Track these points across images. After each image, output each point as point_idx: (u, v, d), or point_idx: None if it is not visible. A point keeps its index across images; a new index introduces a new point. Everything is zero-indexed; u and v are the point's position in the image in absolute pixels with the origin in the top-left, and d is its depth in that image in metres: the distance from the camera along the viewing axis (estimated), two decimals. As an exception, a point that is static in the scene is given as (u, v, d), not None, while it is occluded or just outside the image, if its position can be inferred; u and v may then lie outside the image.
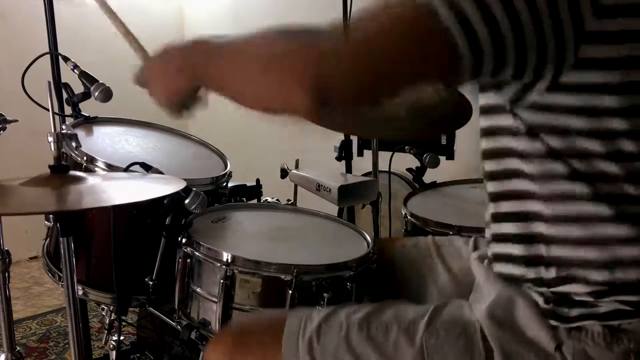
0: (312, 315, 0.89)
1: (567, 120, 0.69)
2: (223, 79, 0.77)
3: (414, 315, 0.85)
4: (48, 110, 1.07)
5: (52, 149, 1.04)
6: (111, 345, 1.53)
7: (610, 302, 0.73)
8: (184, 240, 1.17)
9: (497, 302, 0.80)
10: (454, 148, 2.63)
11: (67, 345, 2.25)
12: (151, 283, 1.28)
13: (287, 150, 3.33)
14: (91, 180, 1.03)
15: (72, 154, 1.32)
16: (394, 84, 0.64)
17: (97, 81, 1.49)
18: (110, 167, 1.28)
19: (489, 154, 0.81)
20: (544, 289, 0.77)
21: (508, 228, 0.80)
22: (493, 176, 0.81)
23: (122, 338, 1.59)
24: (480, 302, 0.83)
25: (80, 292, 1.32)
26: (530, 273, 0.78)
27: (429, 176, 1.86)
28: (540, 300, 0.77)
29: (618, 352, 0.72)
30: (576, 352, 0.74)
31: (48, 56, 1.63)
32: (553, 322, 0.76)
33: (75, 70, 1.52)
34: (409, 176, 1.94)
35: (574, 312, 0.75)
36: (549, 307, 0.76)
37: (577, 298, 0.74)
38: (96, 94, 1.48)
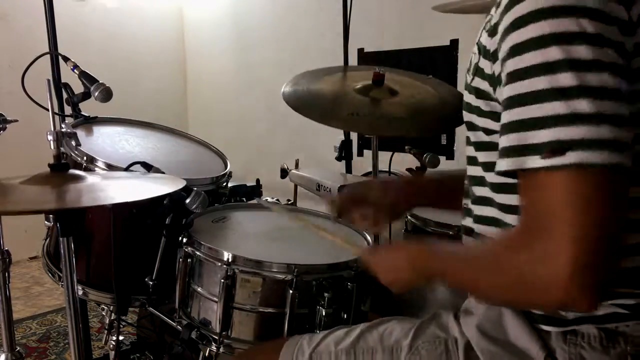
0: (304, 346, 0.92)
1: None
2: (464, 284, 0.81)
3: (398, 337, 0.87)
4: (48, 110, 1.06)
5: (52, 147, 1.04)
6: (111, 345, 1.53)
7: (607, 305, 0.73)
8: (184, 240, 1.17)
9: (487, 314, 0.81)
10: (454, 148, 2.63)
11: (67, 345, 2.25)
12: (151, 283, 1.28)
13: (287, 150, 3.35)
14: (91, 179, 1.03)
15: (72, 154, 1.31)
16: (618, 226, 0.64)
17: (97, 81, 1.49)
18: (110, 167, 1.28)
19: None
20: None
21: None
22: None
23: (122, 338, 1.59)
24: (471, 314, 0.84)
25: (80, 292, 1.32)
26: None
27: (429, 176, 1.86)
28: None
29: (614, 355, 0.72)
30: (572, 357, 0.74)
31: (48, 56, 1.63)
32: (546, 328, 0.76)
33: (75, 70, 1.52)
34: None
35: (571, 315, 0.75)
36: (543, 312, 0.76)
37: None
38: (96, 94, 1.48)
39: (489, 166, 0.80)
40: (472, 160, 0.85)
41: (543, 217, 0.63)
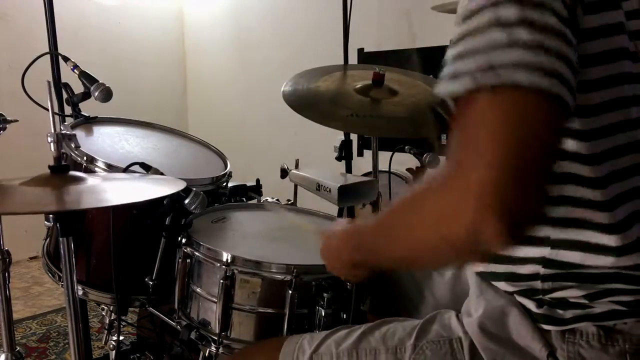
0: (304, 345, 0.92)
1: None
2: (388, 254, 0.76)
3: (401, 336, 0.86)
4: (48, 110, 1.07)
5: (52, 149, 1.04)
6: (111, 345, 1.53)
7: (605, 303, 0.73)
8: (183, 241, 1.17)
9: (489, 313, 0.81)
10: (454, 148, 2.63)
11: (67, 345, 2.25)
12: (151, 283, 1.28)
13: (287, 150, 3.35)
14: (91, 180, 1.03)
15: (72, 154, 1.31)
16: (547, 157, 0.60)
17: (97, 81, 1.49)
18: (110, 167, 1.28)
19: None
20: (539, 296, 0.77)
21: None
22: None
23: (122, 338, 1.59)
24: (472, 313, 0.84)
25: (80, 292, 1.32)
26: (524, 285, 0.78)
27: (429, 176, 1.86)
28: (532, 306, 0.78)
29: (613, 354, 0.72)
30: (571, 356, 0.74)
31: (48, 56, 1.63)
32: (546, 327, 0.76)
33: (75, 70, 1.52)
34: (409, 176, 1.93)
35: (569, 313, 0.75)
36: (542, 311, 0.76)
37: (573, 300, 0.74)
38: (96, 94, 1.48)
39: None
40: None
41: (463, 142, 0.60)
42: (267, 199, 1.82)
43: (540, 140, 0.58)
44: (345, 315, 1.11)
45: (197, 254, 1.15)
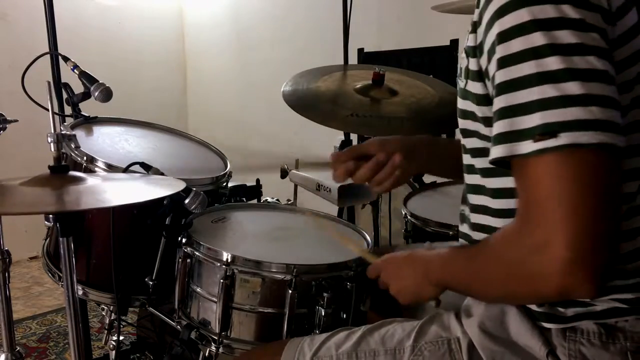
0: (304, 349, 0.92)
1: None
2: (466, 286, 0.81)
3: (400, 337, 0.87)
4: (48, 110, 1.07)
5: (52, 149, 1.04)
6: (111, 345, 1.53)
7: (606, 300, 0.73)
8: (184, 240, 1.17)
9: (488, 312, 0.81)
10: (454, 148, 2.63)
11: (67, 345, 2.25)
12: (151, 283, 1.28)
13: (287, 150, 3.35)
14: (91, 180, 1.03)
15: (72, 154, 1.31)
16: (617, 208, 0.63)
17: (97, 81, 1.49)
18: (110, 167, 1.28)
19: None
20: None
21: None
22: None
23: (122, 338, 1.59)
24: (472, 313, 0.84)
25: (80, 292, 1.32)
26: None
27: (429, 176, 1.86)
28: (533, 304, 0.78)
29: (614, 351, 0.73)
30: (572, 354, 0.74)
31: (48, 56, 1.63)
32: (547, 325, 0.76)
33: (75, 70, 1.52)
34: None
35: (570, 311, 0.75)
36: (543, 309, 0.77)
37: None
38: (96, 94, 1.48)
39: (486, 172, 0.80)
40: (469, 169, 0.85)
41: (537, 203, 0.63)
42: (267, 199, 1.82)
43: (609, 199, 0.61)
44: (345, 315, 1.11)
45: (197, 253, 1.15)
